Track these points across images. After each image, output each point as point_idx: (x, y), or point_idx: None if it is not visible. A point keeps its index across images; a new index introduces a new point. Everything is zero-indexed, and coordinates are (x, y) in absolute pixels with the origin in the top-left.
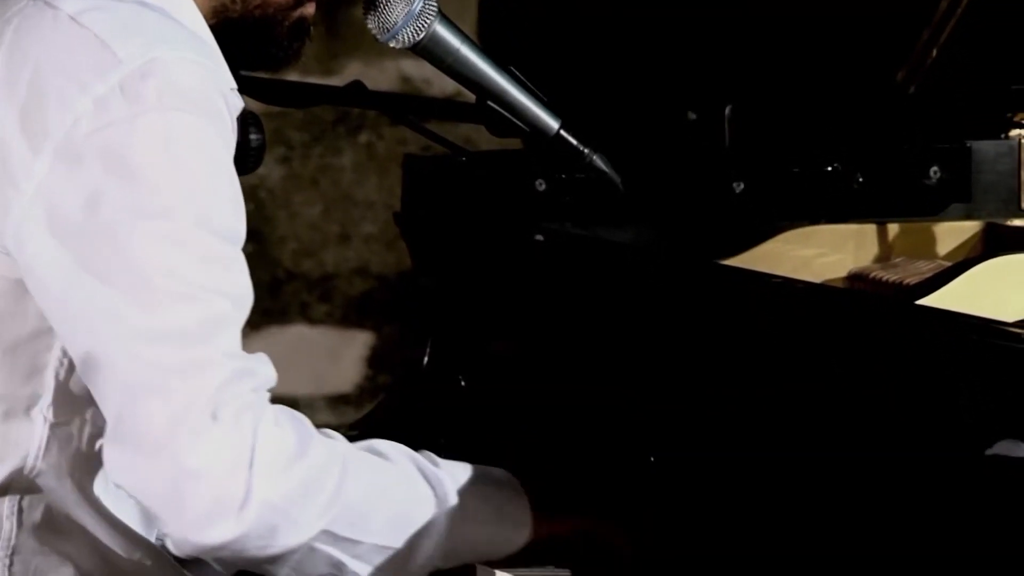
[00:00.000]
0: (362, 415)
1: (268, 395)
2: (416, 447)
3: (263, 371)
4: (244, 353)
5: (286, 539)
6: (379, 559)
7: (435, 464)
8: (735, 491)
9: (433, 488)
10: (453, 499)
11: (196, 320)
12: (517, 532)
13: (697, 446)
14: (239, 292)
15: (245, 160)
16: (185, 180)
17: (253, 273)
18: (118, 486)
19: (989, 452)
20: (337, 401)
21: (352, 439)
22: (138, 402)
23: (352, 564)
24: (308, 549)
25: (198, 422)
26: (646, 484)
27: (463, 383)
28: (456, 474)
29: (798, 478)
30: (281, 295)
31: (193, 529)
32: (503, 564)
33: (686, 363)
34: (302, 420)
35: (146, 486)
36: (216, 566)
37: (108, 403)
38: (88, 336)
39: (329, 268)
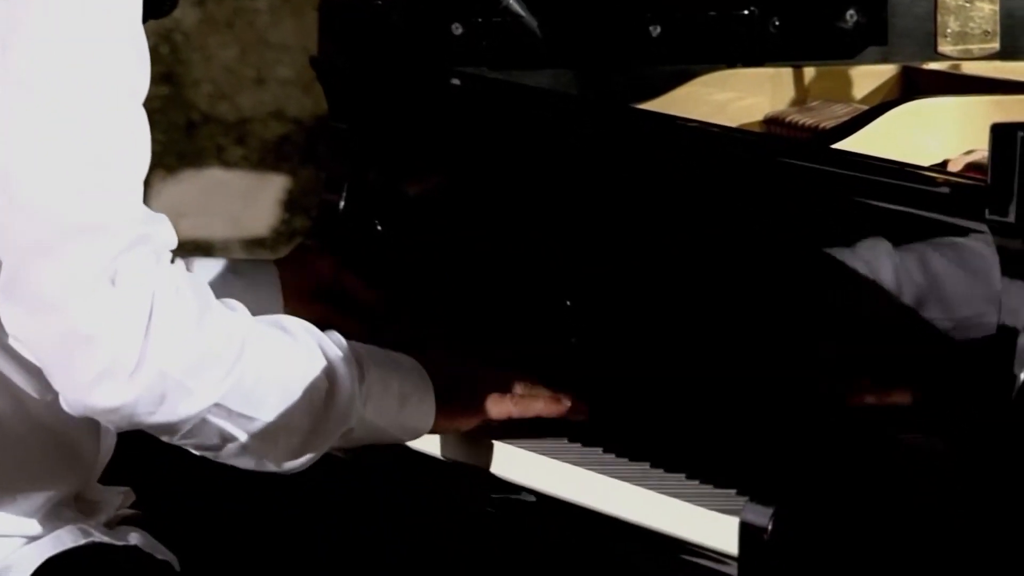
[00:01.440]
0: (278, 259)
1: (169, 257)
2: None
3: (163, 234)
4: (146, 213)
5: (177, 409)
6: (273, 436)
7: (340, 346)
8: (651, 338)
9: (335, 370)
10: (355, 383)
11: (95, 181)
12: (420, 421)
13: (614, 296)
14: (140, 151)
15: (160, 4)
16: (86, 30)
17: (168, 116)
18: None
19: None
20: (253, 244)
21: None
22: (32, 262)
23: (244, 439)
24: (200, 420)
25: (94, 286)
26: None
27: (379, 228)
28: (361, 358)
29: (709, 319)
30: (196, 138)
31: (82, 391)
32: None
33: (603, 209)
34: (203, 289)
35: (38, 345)
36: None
37: (5, 259)
38: None
39: (245, 111)
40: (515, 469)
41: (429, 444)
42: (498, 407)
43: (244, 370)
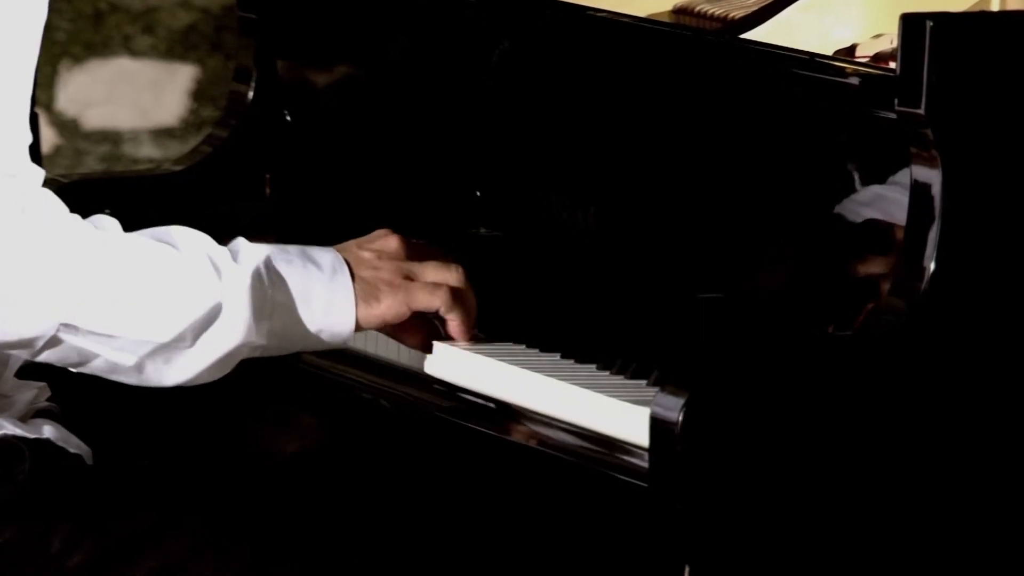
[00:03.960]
0: (188, 149)
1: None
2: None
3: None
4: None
5: (19, 328)
6: (153, 353)
7: (235, 254)
8: (560, 228)
9: (229, 284)
10: (249, 292)
11: None
12: (338, 325)
13: (524, 186)
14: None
15: None
16: None
17: (74, 5)
18: None
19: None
20: (161, 135)
21: (179, 174)
22: None
23: (116, 356)
24: (52, 339)
25: None
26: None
27: (288, 118)
28: (264, 262)
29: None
30: (103, 27)
31: None
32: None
33: (511, 98)
34: (55, 206)
35: None
36: None
37: None
38: None
39: (152, 0)
40: (422, 360)
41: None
42: (428, 299)
43: (97, 288)
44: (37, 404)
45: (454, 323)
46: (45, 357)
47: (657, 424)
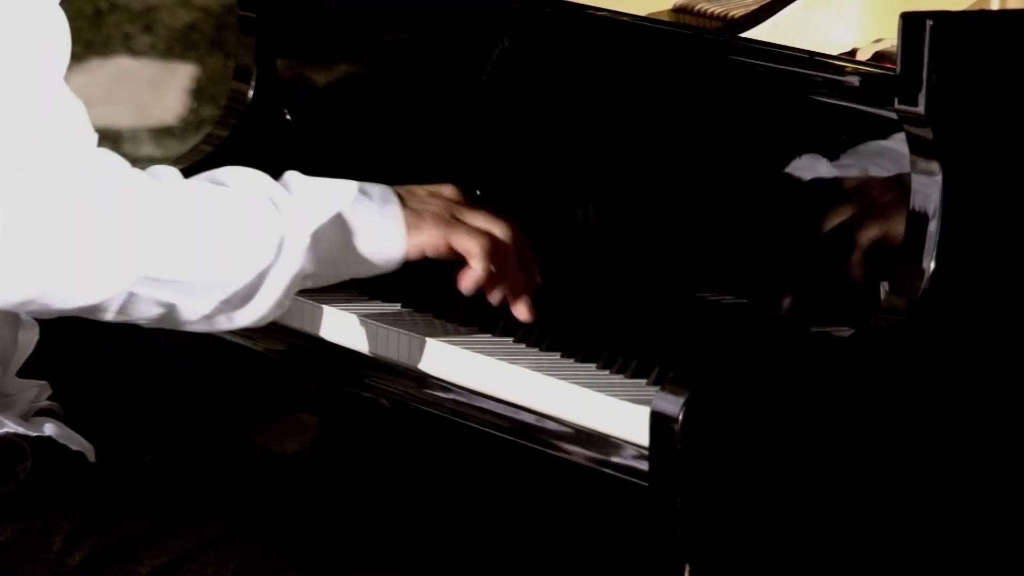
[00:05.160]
0: (187, 148)
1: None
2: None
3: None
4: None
5: (94, 290)
6: (216, 295)
7: (288, 187)
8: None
9: (279, 212)
10: (303, 222)
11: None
12: (388, 248)
13: (523, 185)
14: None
15: None
16: None
17: (74, 4)
18: None
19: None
20: (161, 134)
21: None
22: None
23: (186, 303)
24: (128, 295)
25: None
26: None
27: (288, 117)
28: (315, 192)
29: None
30: (103, 26)
31: None
32: (338, 301)
33: (513, 98)
34: (116, 162)
35: None
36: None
37: None
38: None
39: None
40: (423, 360)
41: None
42: (467, 242)
43: (165, 237)
44: (39, 402)
45: (474, 273)
46: (125, 316)
47: (657, 423)
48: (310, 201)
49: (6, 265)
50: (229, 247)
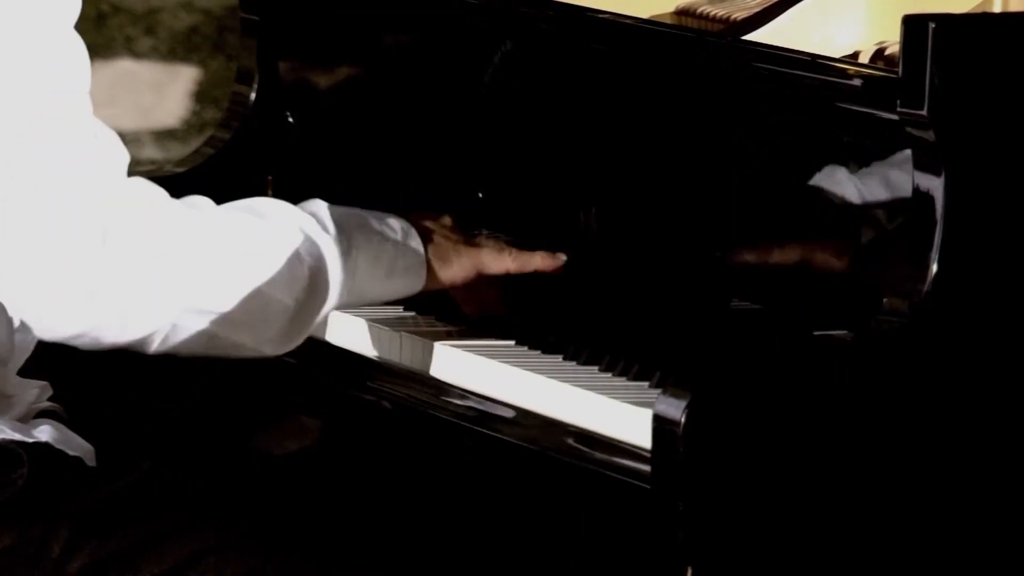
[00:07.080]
0: (190, 150)
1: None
2: (243, 183)
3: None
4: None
5: (144, 323)
6: (254, 323)
7: (322, 221)
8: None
9: (316, 248)
10: (340, 256)
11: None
12: (410, 284)
13: (526, 188)
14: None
15: None
16: None
17: None
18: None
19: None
20: (163, 136)
21: (181, 176)
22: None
23: (228, 332)
24: (171, 327)
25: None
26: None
27: (291, 120)
28: (346, 225)
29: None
30: (105, 29)
31: (45, 319)
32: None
33: (515, 101)
34: (154, 194)
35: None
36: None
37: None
38: None
39: (154, 2)
40: (426, 364)
41: (336, 335)
42: (497, 262)
43: (205, 267)
44: (39, 403)
45: (530, 264)
46: (167, 347)
47: (660, 426)
48: (339, 234)
49: (59, 300)
50: (269, 278)
